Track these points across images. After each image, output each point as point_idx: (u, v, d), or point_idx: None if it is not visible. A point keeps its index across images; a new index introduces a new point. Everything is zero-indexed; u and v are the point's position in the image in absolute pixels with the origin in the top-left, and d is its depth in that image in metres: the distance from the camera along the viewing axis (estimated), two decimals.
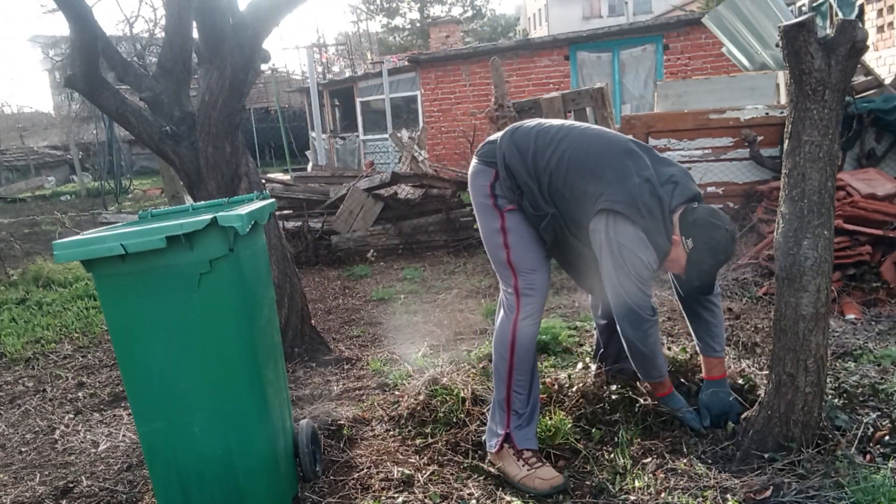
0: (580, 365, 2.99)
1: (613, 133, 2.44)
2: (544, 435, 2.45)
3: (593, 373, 2.81)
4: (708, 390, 2.49)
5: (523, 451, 2.28)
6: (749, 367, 2.90)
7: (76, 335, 4.76)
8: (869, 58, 6.96)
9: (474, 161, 2.48)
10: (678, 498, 2.09)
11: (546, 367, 3.09)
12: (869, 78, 5.52)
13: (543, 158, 2.30)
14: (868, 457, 2.20)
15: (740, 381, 2.66)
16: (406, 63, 14.08)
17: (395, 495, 2.23)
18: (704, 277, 2.29)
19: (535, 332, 2.38)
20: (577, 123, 2.44)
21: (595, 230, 2.21)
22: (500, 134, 2.44)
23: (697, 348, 2.57)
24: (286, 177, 12.84)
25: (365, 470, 2.42)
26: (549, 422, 2.48)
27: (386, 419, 2.79)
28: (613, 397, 2.64)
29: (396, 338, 4.06)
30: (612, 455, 2.36)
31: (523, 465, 2.25)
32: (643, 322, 2.24)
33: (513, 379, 2.35)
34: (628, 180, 2.19)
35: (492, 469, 2.36)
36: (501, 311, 2.43)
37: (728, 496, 2.07)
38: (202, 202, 2.61)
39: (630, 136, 2.44)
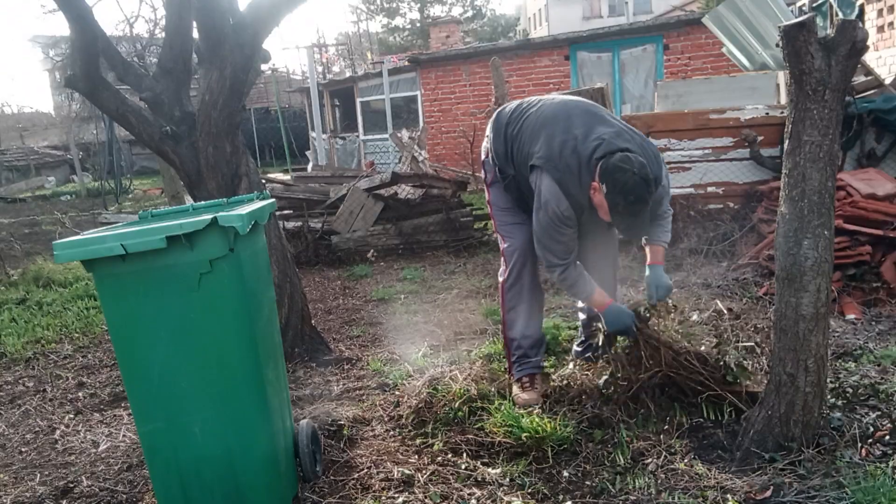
0: (571, 365, 3.01)
1: (574, 100, 2.81)
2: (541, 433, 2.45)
3: (570, 368, 2.98)
4: (653, 271, 2.81)
5: (521, 378, 2.86)
6: (748, 366, 2.90)
7: (76, 335, 4.76)
8: (869, 58, 6.96)
9: (484, 140, 2.99)
10: (678, 498, 2.09)
11: (546, 367, 3.09)
12: (869, 78, 5.52)
13: (512, 127, 2.74)
14: (868, 456, 2.20)
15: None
16: (406, 63, 14.08)
17: (395, 495, 2.23)
18: (625, 219, 2.48)
19: (521, 293, 2.87)
20: (554, 95, 2.94)
21: (532, 185, 2.62)
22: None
23: (643, 241, 2.86)
24: (286, 177, 12.83)
25: (365, 470, 2.42)
26: (550, 425, 2.48)
27: (386, 419, 2.79)
28: (606, 392, 2.71)
29: (396, 338, 4.06)
30: (612, 455, 2.36)
31: (518, 388, 2.84)
32: (555, 267, 2.63)
33: (506, 327, 2.95)
34: (555, 139, 2.56)
35: (491, 470, 2.36)
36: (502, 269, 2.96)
37: (728, 496, 2.07)
38: (202, 202, 2.61)
39: (592, 102, 2.84)
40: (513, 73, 11.94)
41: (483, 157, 2.96)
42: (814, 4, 7.52)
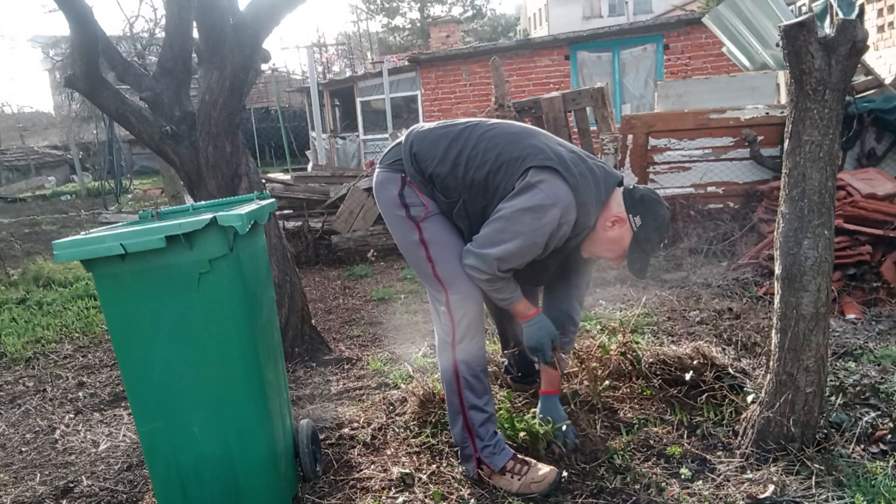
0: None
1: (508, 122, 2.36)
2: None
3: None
4: (546, 404, 2.47)
5: (504, 466, 2.22)
6: (749, 366, 2.90)
7: (76, 335, 4.76)
8: (869, 57, 6.96)
9: (378, 171, 2.33)
10: (678, 497, 2.09)
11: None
12: (869, 78, 5.52)
13: (458, 145, 2.19)
14: (868, 455, 2.20)
15: None
16: (406, 63, 14.08)
17: (396, 495, 2.23)
18: (645, 258, 2.22)
19: (478, 350, 2.23)
20: (483, 119, 2.33)
21: (514, 192, 2.08)
22: (401, 137, 2.33)
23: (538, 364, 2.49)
24: (286, 176, 12.83)
25: (365, 470, 2.42)
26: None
27: (386, 419, 2.79)
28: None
29: (396, 337, 4.06)
30: (612, 455, 2.36)
31: (512, 477, 2.20)
32: (489, 275, 2.13)
33: (464, 403, 2.23)
34: (555, 148, 2.15)
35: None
36: (438, 332, 2.27)
37: (728, 496, 2.07)
38: (202, 202, 2.61)
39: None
40: (513, 72, 11.95)
41: (398, 189, 2.24)
42: (814, 4, 7.51)
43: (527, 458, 2.25)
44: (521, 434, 2.39)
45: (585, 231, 2.19)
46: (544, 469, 2.20)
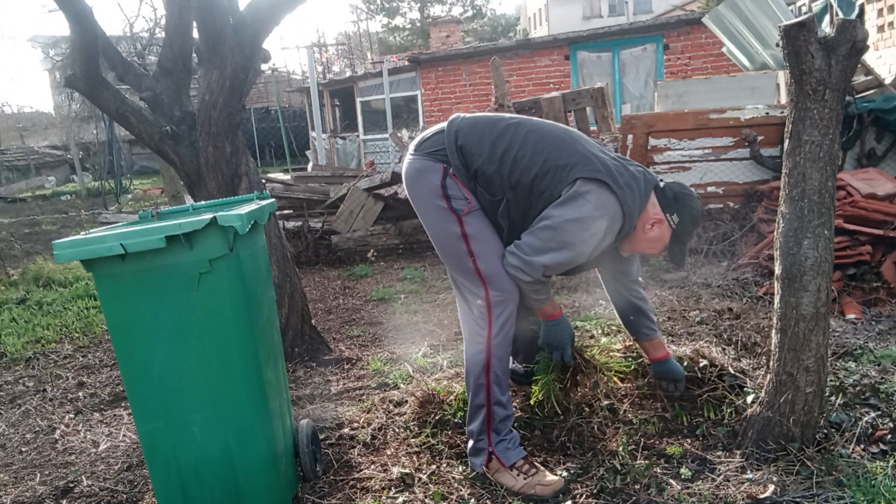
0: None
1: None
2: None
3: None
4: (660, 368, 2.60)
5: (514, 463, 2.24)
6: (749, 366, 2.90)
7: (76, 335, 4.76)
8: (869, 57, 6.96)
9: (413, 158, 2.27)
10: (678, 497, 2.09)
11: None
12: (869, 78, 5.52)
13: (504, 139, 2.17)
14: (868, 455, 2.20)
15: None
16: (406, 63, 14.08)
17: (396, 495, 2.23)
18: (683, 248, 2.33)
19: (509, 345, 2.28)
20: (525, 117, 2.33)
21: (561, 200, 2.10)
22: (443, 124, 2.28)
23: (634, 338, 2.65)
24: (286, 177, 12.84)
25: (365, 470, 2.42)
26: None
27: (386, 419, 2.79)
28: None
29: (396, 338, 4.06)
30: (611, 454, 2.36)
31: (518, 475, 2.21)
32: (532, 278, 2.16)
33: (491, 398, 2.25)
34: (601, 157, 2.17)
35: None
36: (470, 324, 2.27)
37: (728, 496, 2.07)
38: (202, 202, 2.61)
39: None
40: (513, 72, 11.95)
41: (439, 179, 2.20)
42: (814, 4, 7.52)
43: (537, 464, 2.28)
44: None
45: (626, 235, 2.25)
46: (552, 477, 2.21)
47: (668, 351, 2.63)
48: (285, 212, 7.38)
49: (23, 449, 3.01)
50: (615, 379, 2.72)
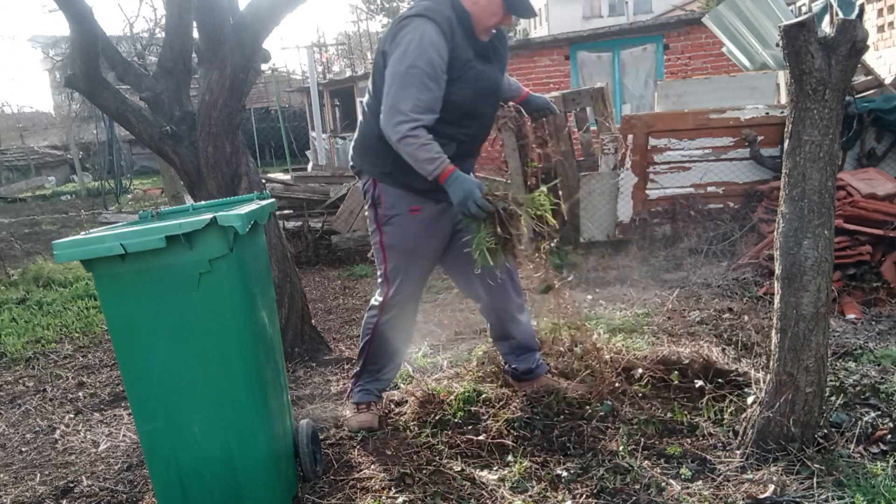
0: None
1: None
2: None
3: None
4: (528, 106, 2.96)
5: (359, 404, 2.75)
6: (749, 366, 2.90)
7: (76, 335, 4.76)
8: (869, 57, 6.96)
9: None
10: (678, 497, 2.09)
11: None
12: (869, 77, 5.52)
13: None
14: (868, 455, 2.20)
15: None
16: None
17: (396, 495, 2.23)
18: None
19: (395, 333, 2.70)
20: None
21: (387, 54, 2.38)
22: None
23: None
24: (286, 176, 12.82)
25: (365, 470, 2.42)
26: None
27: (386, 419, 2.79)
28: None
29: None
30: (611, 454, 2.36)
31: (354, 411, 2.76)
32: (407, 122, 2.32)
33: (367, 361, 2.76)
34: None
35: (490, 472, 2.36)
36: (374, 296, 2.75)
37: (728, 496, 2.07)
38: (202, 202, 2.61)
39: None
40: (513, 72, 11.90)
41: (374, 191, 2.68)
42: (814, 4, 7.52)
43: (374, 410, 2.74)
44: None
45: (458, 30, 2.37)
46: (365, 417, 2.70)
47: (526, 90, 2.89)
48: (285, 212, 7.38)
49: (23, 449, 3.01)
50: (548, 216, 2.47)
